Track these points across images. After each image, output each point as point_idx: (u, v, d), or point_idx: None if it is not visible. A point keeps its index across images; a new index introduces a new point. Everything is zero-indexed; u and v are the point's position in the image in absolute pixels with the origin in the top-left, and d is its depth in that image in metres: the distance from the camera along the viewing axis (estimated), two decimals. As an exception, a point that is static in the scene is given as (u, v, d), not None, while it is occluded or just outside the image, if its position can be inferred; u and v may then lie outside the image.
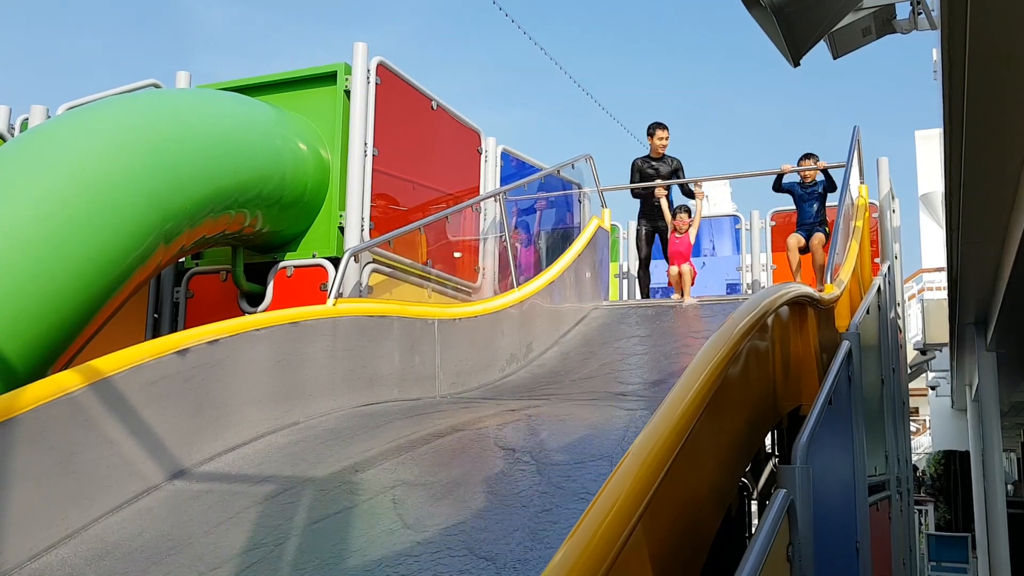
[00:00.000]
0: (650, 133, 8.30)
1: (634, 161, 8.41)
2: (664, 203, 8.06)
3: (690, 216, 7.80)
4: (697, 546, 2.43)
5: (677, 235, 7.75)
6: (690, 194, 8.35)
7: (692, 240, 7.79)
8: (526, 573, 2.50)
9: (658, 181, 8.18)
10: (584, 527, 1.83)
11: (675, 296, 7.69)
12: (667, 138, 8.24)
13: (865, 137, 8.14)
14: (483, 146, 7.38)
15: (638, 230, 8.52)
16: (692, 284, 7.63)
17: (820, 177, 7.61)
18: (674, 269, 7.63)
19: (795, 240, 7.56)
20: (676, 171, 8.22)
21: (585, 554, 1.74)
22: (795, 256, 7.52)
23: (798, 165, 7.66)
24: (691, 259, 7.74)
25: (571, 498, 2.98)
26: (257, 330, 4.18)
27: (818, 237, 7.37)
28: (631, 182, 8.44)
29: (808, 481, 2.55)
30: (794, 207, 7.95)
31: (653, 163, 8.25)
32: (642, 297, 8.34)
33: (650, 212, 8.31)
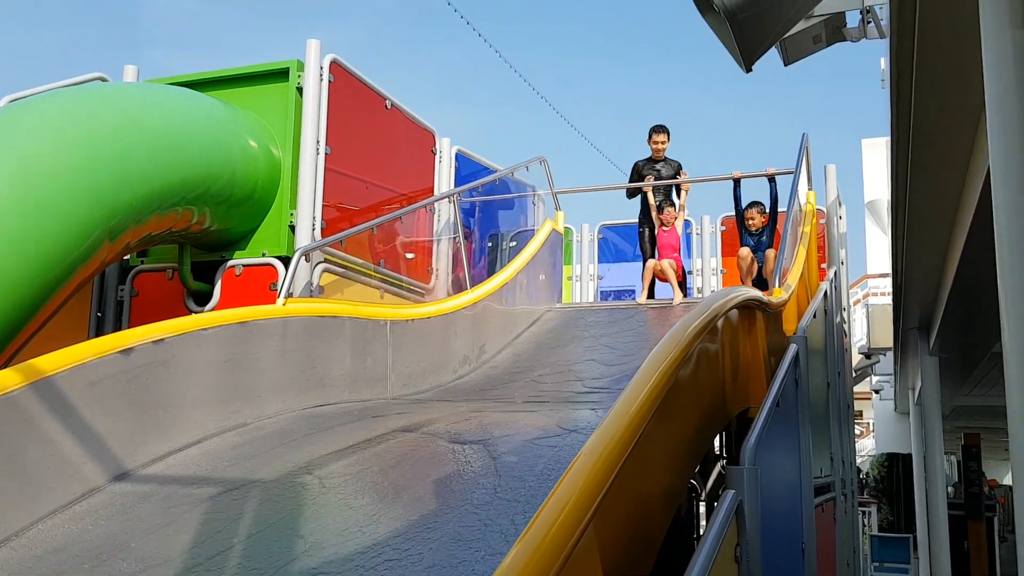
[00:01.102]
0: (648, 136, 8.31)
1: (635, 163, 8.40)
2: (651, 198, 8.12)
3: (675, 209, 7.90)
4: (647, 547, 2.44)
5: (664, 228, 7.84)
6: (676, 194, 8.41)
7: (680, 232, 7.87)
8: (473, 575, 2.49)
9: (645, 182, 8.18)
10: (535, 528, 1.82)
11: (641, 297, 7.72)
12: (664, 142, 8.18)
13: (813, 144, 8.29)
14: (437, 147, 7.35)
15: (640, 232, 8.50)
16: (679, 280, 7.71)
17: (766, 224, 7.76)
18: (656, 262, 7.69)
19: (746, 251, 7.69)
20: (677, 174, 8.22)
21: (536, 555, 1.74)
22: (746, 264, 7.63)
23: (745, 214, 7.79)
24: (679, 254, 7.79)
25: (521, 500, 2.97)
26: (204, 330, 4.10)
27: (769, 252, 7.49)
28: (629, 183, 8.44)
29: (756, 482, 2.58)
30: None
31: (654, 165, 8.26)
32: (648, 297, 8.34)
33: (650, 213, 8.33)
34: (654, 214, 8.06)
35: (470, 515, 2.89)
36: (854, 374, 14.48)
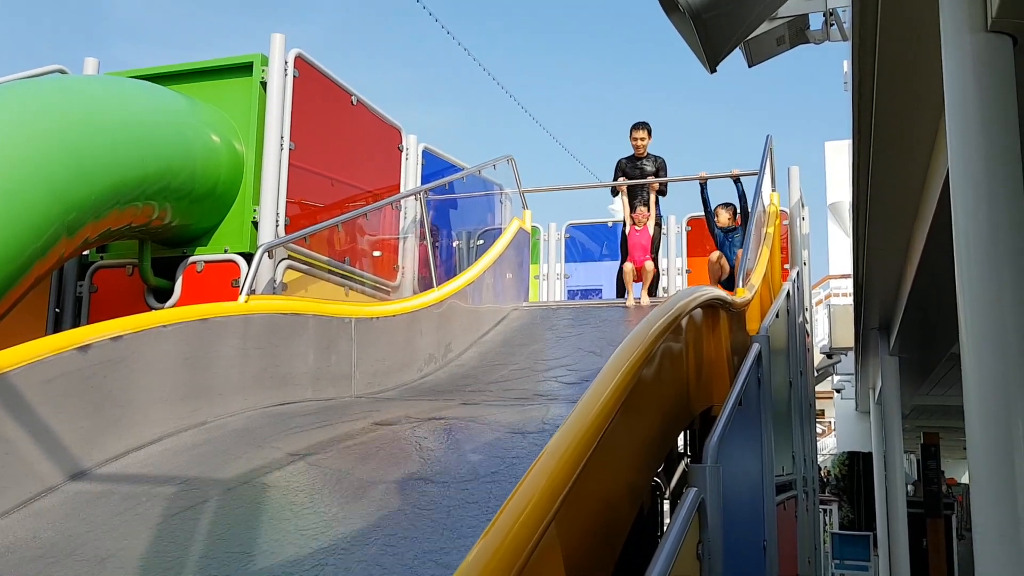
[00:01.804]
0: (629, 134, 8.31)
1: (618, 161, 8.40)
2: (625, 199, 8.15)
3: (648, 209, 7.93)
4: (611, 544, 2.44)
5: (636, 228, 7.86)
6: (662, 193, 8.42)
7: (652, 232, 7.90)
8: (438, 574, 2.47)
9: (625, 181, 8.19)
10: (498, 525, 1.81)
11: (629, 299, 7.73)
12: (644, 138, 8.18)
13: (777, 146, 8.37)
14: (404, 143, 7.31)
15: (623, 231, 8.49)
16: (653, 282, 7.74)
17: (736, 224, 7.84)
18: (629, 266, 7.72)
19: (717, 254, 7.76)
20: (659, 170, 8.23)
21: (499, 552, 1.73)
22: (715, 268, 7.70)
23: (717, 212, 7.85)
24: (649, 256, 7.81)
25: (484, 498, 2.96)
26: (164, 326, 4.04)
27: (740, 251, 7.55)
28: (614, 180, 8.44)
29: (718, 480, 2.59)
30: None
31: (637, 163, 8.26)
32: (618, 296, 8.34)
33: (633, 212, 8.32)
34: (626, 213, 8.09)
35: (430, 514, 2.87)
36: (816, 373, 14.67)
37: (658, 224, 8.15)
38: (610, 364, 2.63)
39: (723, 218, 7.88)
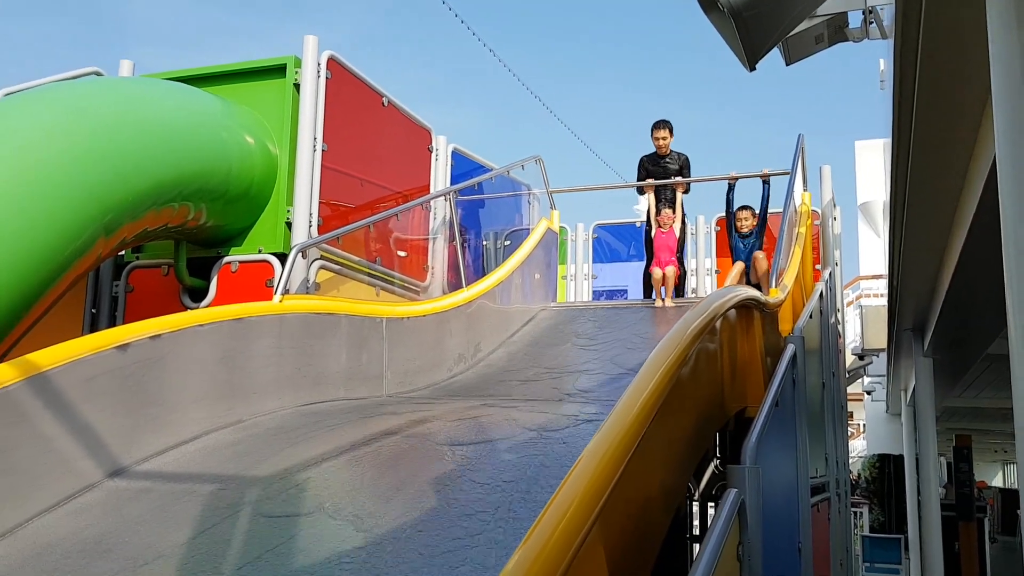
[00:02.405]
0: (651, 133, 8.29)
1: (641, 159, 8.38)
2: (651, 198, 8.11)
3: (674, 211, 7.88)
4: (648, 546, 2.43)
5: (662, 230, 7.82)
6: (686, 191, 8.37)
7: (677, 234, 7.85)
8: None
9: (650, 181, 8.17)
10: (540, 530, 1.80)
11: (657, 301, 7.68)
12: (665, 137, 8.14)
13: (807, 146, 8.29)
14: (434, 144, 7.33)
15: (647, 232, 8.47)
16: (676, 284, 7.70)
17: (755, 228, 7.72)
18: (658, 272, 7.65)
19: (740, 265, 7.65)
20: (683, 168, 8.19)
21: (542, 557, 1.72)
22: (737, 280, 7.61)
23: (737, 216, 7.77)
24: (675, 257, 7.76)
25: (520, 500, 2.96)
26: (200, 326, 4.08)
27: (757, 254, 7.46)
28: (637, 180, 8.42)
29: (758, 481, 2.58)
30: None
31: (660, 161, 8.23)
32: (645, 296, 8.29)
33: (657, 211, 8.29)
34: (652, 213, 8.05)
35: (466, 515, 2.87)
36: (847, 375, 14.53)
37: (683, 223, 8.11)
38: (648, 365, 2.62)
39: (748, 222, 7.71)
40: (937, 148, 3.97)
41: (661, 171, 8.18)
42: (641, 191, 8.48)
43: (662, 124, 8.20)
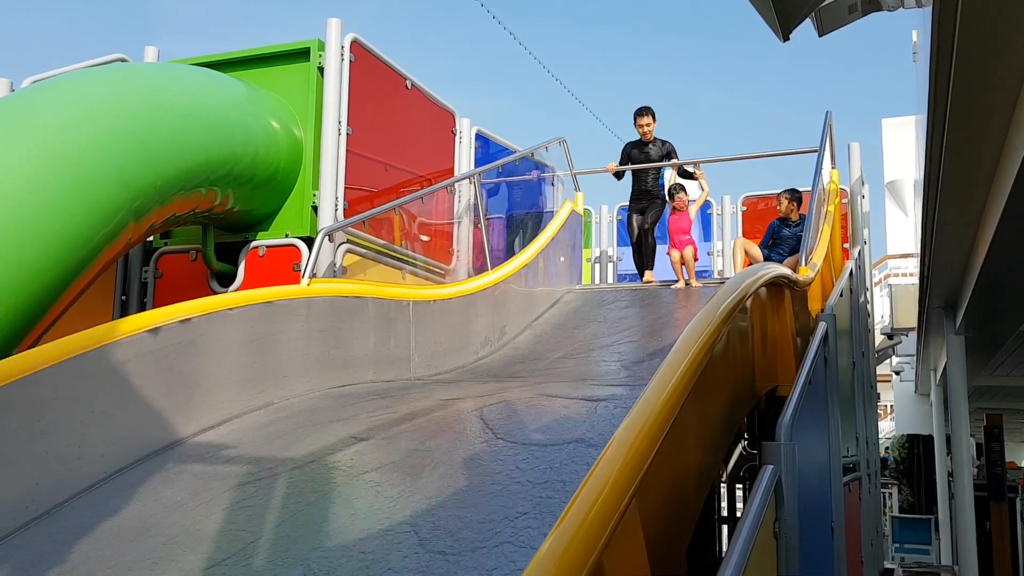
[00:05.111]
0: (633, 120, 8.26)
1: (624, 146, 8.40)
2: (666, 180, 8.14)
3: (687, 194, 7.85)
4: (684, 524, 2.41)
5: (677, 211, 7.81)
6: (686, 175, 8.36)
7: (693, 217, 7.82)
8: (504, 555, 2.47)
9: (631, 166, 8.20)
10: (576, 508, 1.78)
11: (680, 283, 7.65)
12: (649, 124, 8.15)
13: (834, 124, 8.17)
14: (457, 127, 7.31)
15: (629, 215, 8.48)
16: (696, 262, 7.69)
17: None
18: (675, 254, 7.64)
19: (757, 251, 7.59)
20: (668, 155, 8.18)
21: (580, 533, 1.71)
22: (742, 257, 7.55)
23: (781, 201, 7.70)
24: (689, 236, 7.73)
25: (550, 479, 2.95)
26: (230, 309, 4.10)
27: (790, 259, 7.35)
28: (619, 165, 8.39)
29: (794, 458, 2.54)
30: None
31: (644, 148, 8.22)
32: (639, 276, 8.30)
33: (637, 196, 8.31)
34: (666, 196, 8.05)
35: (499, 495, 2.87)
36: (876, 355, 14.39)
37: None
38: (681, 342, 2.59)
39: (785, 206, 7.65)
40: (973, 120, 3.89)
41: (644, 157, 8.19)
42: (619, 176, 8.44)
43: (645, 111, 8.19)
